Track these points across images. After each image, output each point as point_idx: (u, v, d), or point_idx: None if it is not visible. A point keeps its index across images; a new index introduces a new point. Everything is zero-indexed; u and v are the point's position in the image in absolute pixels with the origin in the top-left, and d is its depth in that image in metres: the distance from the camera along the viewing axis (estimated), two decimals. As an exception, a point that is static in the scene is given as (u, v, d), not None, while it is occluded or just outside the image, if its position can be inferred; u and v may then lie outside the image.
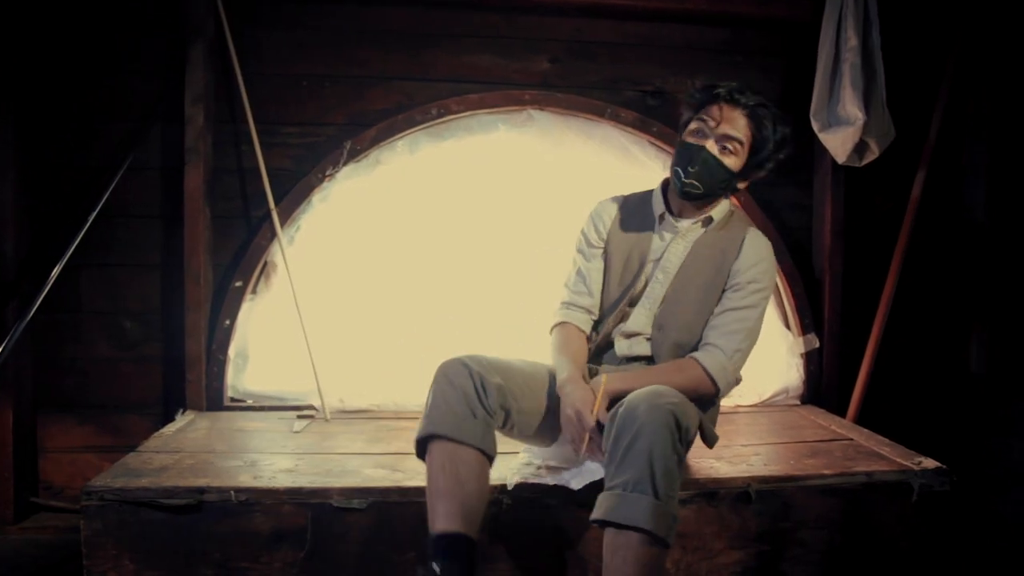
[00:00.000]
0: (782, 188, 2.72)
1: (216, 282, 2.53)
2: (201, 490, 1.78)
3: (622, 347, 1.94)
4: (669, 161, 2.04)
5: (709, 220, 1.93)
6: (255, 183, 2.49)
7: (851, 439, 2.22)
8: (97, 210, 2.33)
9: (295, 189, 2.50)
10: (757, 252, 1.91)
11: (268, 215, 2.47)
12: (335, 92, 2.55)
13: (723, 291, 1.89)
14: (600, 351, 1.99)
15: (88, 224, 2.32)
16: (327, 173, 2.49)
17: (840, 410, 2.59)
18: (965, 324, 2.76)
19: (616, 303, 1.94)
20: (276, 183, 2.50)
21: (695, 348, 1.87)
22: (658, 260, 1.94)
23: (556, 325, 1.98)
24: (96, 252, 2.47)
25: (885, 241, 2.63)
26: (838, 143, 2.46)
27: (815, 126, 2.47)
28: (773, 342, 2.66)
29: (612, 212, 2.01)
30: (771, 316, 2.67)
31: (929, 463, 1.97)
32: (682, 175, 1.85)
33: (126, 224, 2.51)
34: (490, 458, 1.66)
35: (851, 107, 2.40)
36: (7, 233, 2.38)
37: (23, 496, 2.45)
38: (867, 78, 2.42)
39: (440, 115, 2.52)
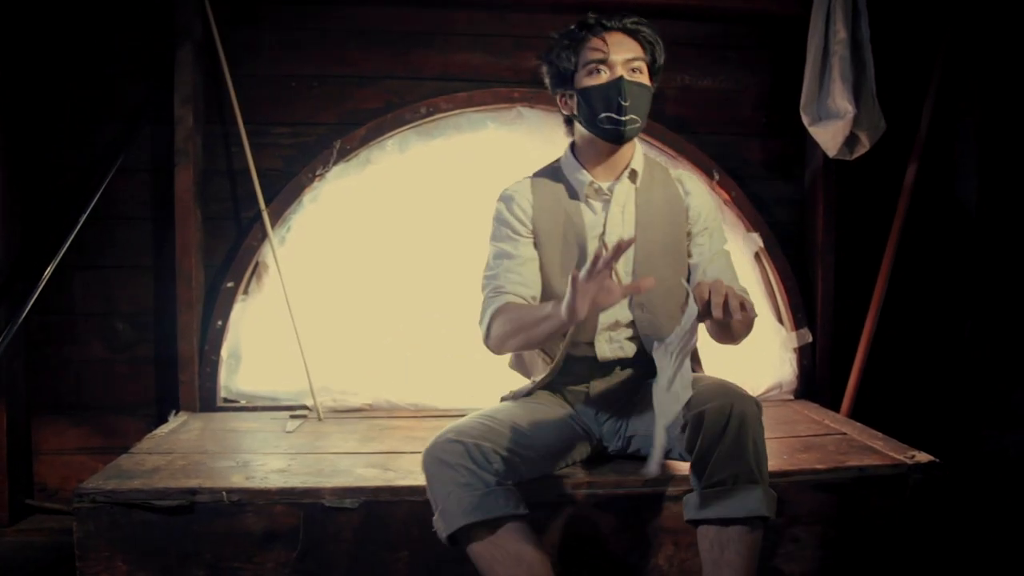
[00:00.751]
0: (773, 183, 2.72)
1: (208, 283, 2.53)
2: (193, 491, 1.78)
3: (605, 350, 1.83)
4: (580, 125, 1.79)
5: (634, 174, 1.82)
6: (246, 184, 2.49)
7: (844, 433, 2.22)
8: (88, 211, 2.34)
9: (285, 189, 2.50)
10: (700, 188, 1.88)
11: (259, 216, 2.47)
12: (325, 92, 2.55)
13: (689, 237, 1.83)
14: (570, 371, 1.84)
15: (79, 226, 2.33)
16: (317, 173, 2.49)
17: (834, 404, 2.59)
18: (959, 317, 2.76)
19: None
20: (267, 183, 2.50)
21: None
22: (601, 235, 1.81)
23: (495, 309, 1.72)
24: (88, 254, 2.48)
25: (877, 235, 2.63)
26: (828, 137, 2.45)
27: (805, 120, 2.47)
28: (766, 337, 2.65)
29: (527, 195, 1.82)
30: (763, 311, 2.67)
31: (922, 457, 1.96)
32: (619, 115, 1.70)
33: (118, 226, 2.51)
34: (524, 516, 1.57)
35: (841, 100, 2.39)
36: (-2, 235, 2.39)
37: (18, 498, 2.46)
38: (856, 71, 2.41)
39: (429, 114, 2.52)
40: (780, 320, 2.69)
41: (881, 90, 2.43)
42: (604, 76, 1.72)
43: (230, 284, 2.49)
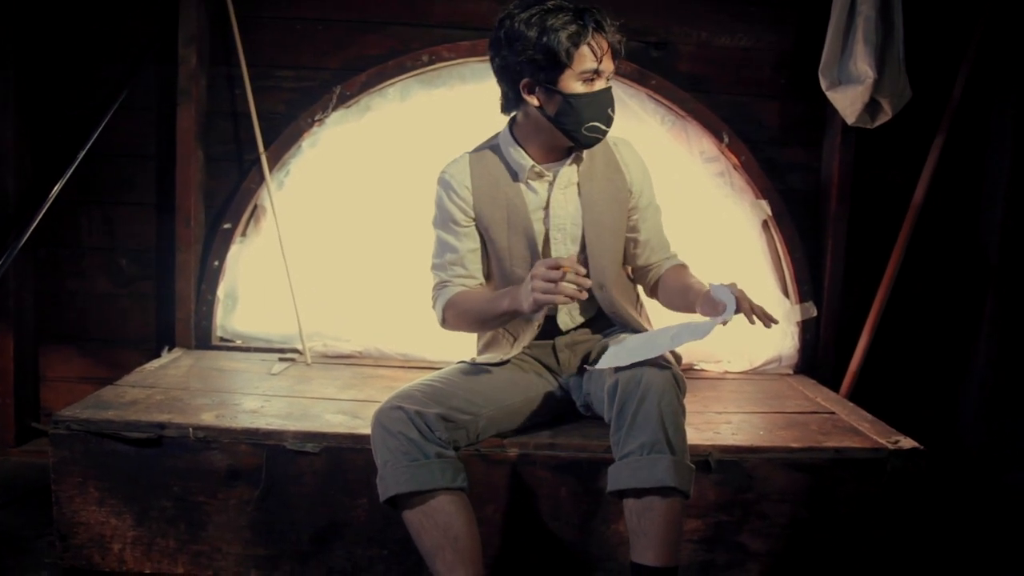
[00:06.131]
0: (788, 148, 2.59)
1: (209, 224, 2.56)
2: (161, 425, 1.83)
3: (567, 321, 1.90)
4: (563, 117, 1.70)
5: (578, 158, 1.81)
6: (249, 127, 2.49)
7: (833, 413, 2.14)
8: (88, 147, 2.37)
9: (284, 134, 2.49)
10: (635, 160, 1.88)
11: (259, 159, 2.48)
12: (329, 36, 2.52)
13: (629, 211, 1.87)
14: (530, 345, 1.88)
15: (78, 161, 2.37)
16: (316, 118, 2.48)
17: (835, 383, 2.50)
18: (976, 299, 2.61)
19: None
20: (269, 127, 2.50)
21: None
22: (544, 218, 1.82)
23: (445, 301, 1.81)
24: (94, 190, 2.54)
25: (897, 209, 2.49)
26: (847, 102, 2.32)
27: (823, 83, 2.34)
28: (768, 308, 2.55)
29: (466, 179, 1.81)
30: (767, 281, 2.58)
31: (906, 443, 1.89)
32: (607, 126, 1.71)
33: (123, 163, 2.55)
34: (461, 488, 1.60)
35: (862, 64, 2.25)
36: (8, 170, 2.45)
37: (23, 421, 2.57)
38: (883, 33, 2.26)
39: (431, 62, 2.47)
40: (785, 292, 2.58)
41: (911, 55, 2.28)
42: (597, 85, 1.69)
43: (227, 225, 2.51)
